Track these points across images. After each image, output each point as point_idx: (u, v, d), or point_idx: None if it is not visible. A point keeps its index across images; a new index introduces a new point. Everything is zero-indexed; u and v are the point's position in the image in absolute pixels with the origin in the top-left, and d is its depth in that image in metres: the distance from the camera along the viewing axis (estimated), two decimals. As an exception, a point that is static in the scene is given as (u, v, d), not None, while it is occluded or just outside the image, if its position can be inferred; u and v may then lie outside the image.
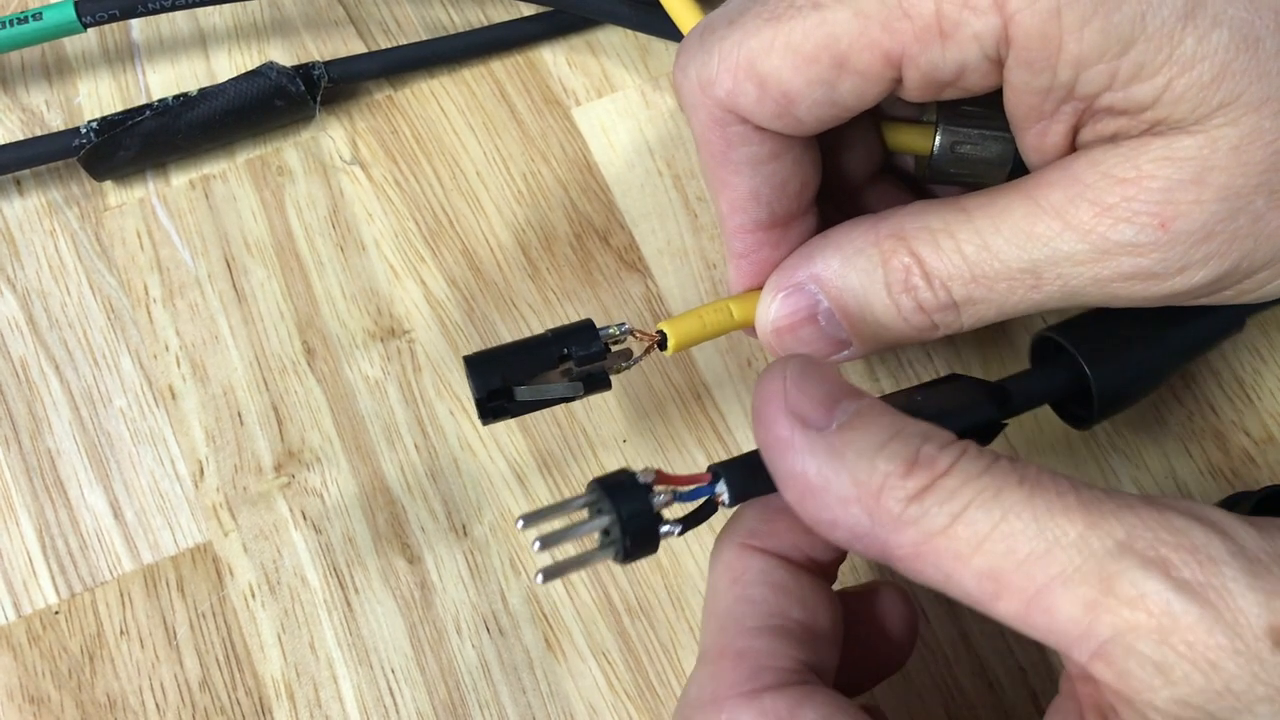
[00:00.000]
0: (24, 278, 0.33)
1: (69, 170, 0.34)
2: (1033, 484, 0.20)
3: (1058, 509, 0.19)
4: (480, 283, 0.33)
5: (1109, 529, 0.19)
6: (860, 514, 0.20)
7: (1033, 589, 0.19)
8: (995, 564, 0.19)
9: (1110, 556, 0.19)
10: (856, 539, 0.20)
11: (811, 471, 0.20)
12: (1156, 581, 0.18)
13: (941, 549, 0.20)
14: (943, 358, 0.32)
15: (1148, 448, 0.30)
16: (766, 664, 0.21)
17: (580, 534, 0.22)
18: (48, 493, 0.31)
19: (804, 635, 0.22)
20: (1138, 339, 0.26)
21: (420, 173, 0.34)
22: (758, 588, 0.22)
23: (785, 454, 0.21)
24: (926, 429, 0.21)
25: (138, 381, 0.32)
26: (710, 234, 0.33)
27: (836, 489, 0.20)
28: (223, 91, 0.33)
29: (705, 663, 0.22)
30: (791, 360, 0.22)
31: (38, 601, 0.30)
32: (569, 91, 0.35)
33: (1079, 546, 0.19)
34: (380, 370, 0.32)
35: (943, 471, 0.20)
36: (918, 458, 0.20)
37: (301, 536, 0.30)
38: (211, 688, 0.29)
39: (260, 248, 0.33)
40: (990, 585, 0.19)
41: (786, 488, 0.21)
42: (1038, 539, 0.19)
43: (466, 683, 0.29)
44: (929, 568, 0.20)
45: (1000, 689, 0.29)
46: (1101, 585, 0.19)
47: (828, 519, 0.21)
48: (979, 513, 0.19)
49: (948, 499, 0.20)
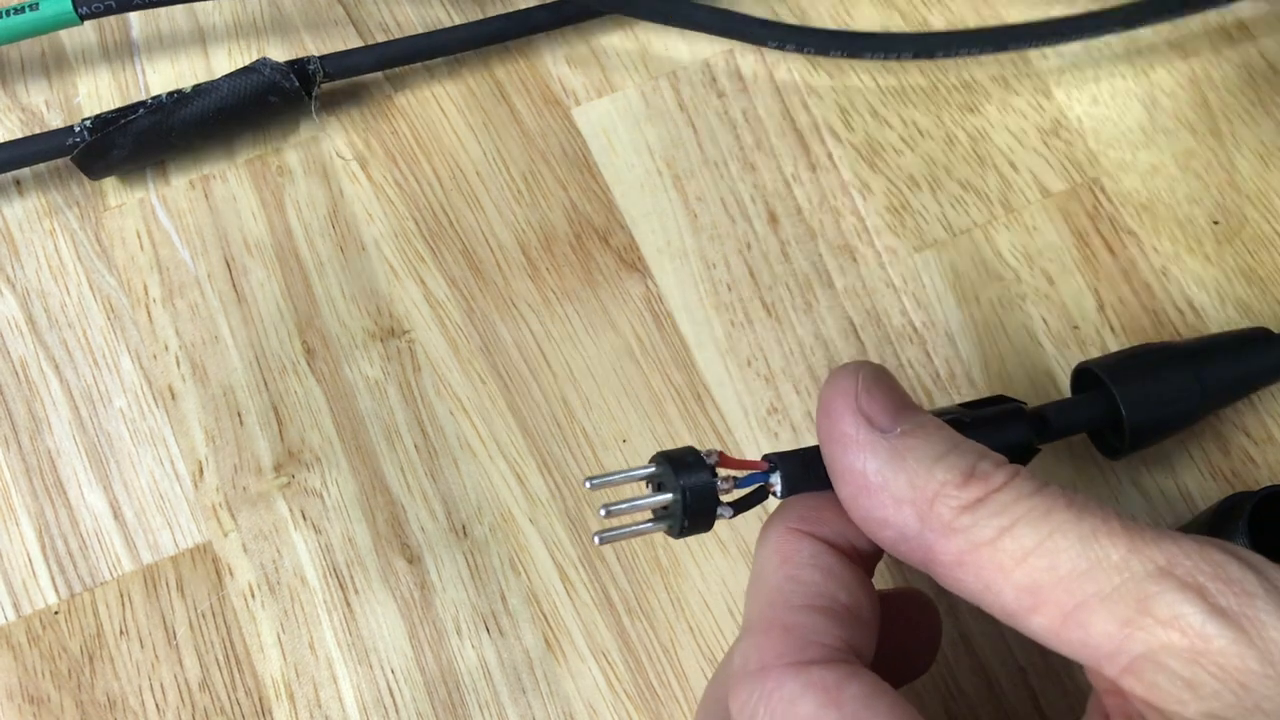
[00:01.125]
0: (24, 278, 0.33)
1: (68, 171, 0.34)
2: (1080, 508, 0.20)
3: (1103, 532, 0.20)
4: (480, 283, 0.33)
5: (1150, 554, 0.20)
6: (912, 517, 0.21)
7: (1071, 604, 0.20)
8: (1037, 579, 0.20)
9: (1150, 579, 0.19)
10: (903, 540, 0.21)
11: (871, 469, 0.21)
12: (1192, 605, 0.19)
13: (985, 559, 0.20)
14: (941, 356, 0.32)
15: (1148, 448, 0.30)
16: (814, 639, 0.21)
17: (644, 507, 0.22)
18: (47, 493, 0.31)
19: (849, 619, 0.22)
20: (1174, 380, 0.27)
21: (420, 173, 0.34)
22: (807, 569, 0.22)
23: (849, 449, 0.22)
24: (982, 448, 0.22)
25: (137, 381, 0.32)
26: (710, 234, 0.33)
27: (893, 489, 0.21)
28: (216, 88, 0.33)
29: (751, 635, 0.22)
30: (865, 364, 0.23)
31: (37, 602, 0.30)
32: (569, 91, 0.35)
33: (1120, 568, 0.20)
34: (380, 370, 0.32)
35: (997, 487, 0.21)
36: (974, 471, 0.21)
37: (301, 537, 0.30)
38: (211, 688, 0.29)
39: (260, 248, 0.33)
40: (1028, 599, 0.20)
41: (844, 482, 0.22)
42: (1081, 558, 0.20)
43: (466, 683, 0.29)
44: (969, 576, 0.21)
45: (1000, 689, 0.29)
46: (1139, 605, 0.19)
47: (879, 517, 0.21)
48: (1027, 529, 0.20)
49: (999, 513, 0.20)
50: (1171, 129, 0.34)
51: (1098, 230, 0.33)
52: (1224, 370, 0.28)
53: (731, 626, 0.29)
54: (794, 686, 0.20)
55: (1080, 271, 0.32)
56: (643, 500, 0.23)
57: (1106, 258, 0.33)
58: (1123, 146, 0.34)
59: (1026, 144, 0.34)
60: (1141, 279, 0.32)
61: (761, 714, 0.20)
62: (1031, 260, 0.33)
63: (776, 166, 0.34)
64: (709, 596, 0.30)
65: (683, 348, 0.32)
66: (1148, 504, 0.30)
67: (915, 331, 0.32)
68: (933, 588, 0.28)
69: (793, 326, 0.32)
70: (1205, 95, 0.34)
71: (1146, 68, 0.35)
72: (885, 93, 0.35)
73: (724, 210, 0.33)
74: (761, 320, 0.32)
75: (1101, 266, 0.32)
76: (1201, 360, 0.28)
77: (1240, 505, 0.26)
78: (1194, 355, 0.28)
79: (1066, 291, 0.32)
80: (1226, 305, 0.32)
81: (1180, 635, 0.19)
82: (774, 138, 0.34)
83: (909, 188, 0.33)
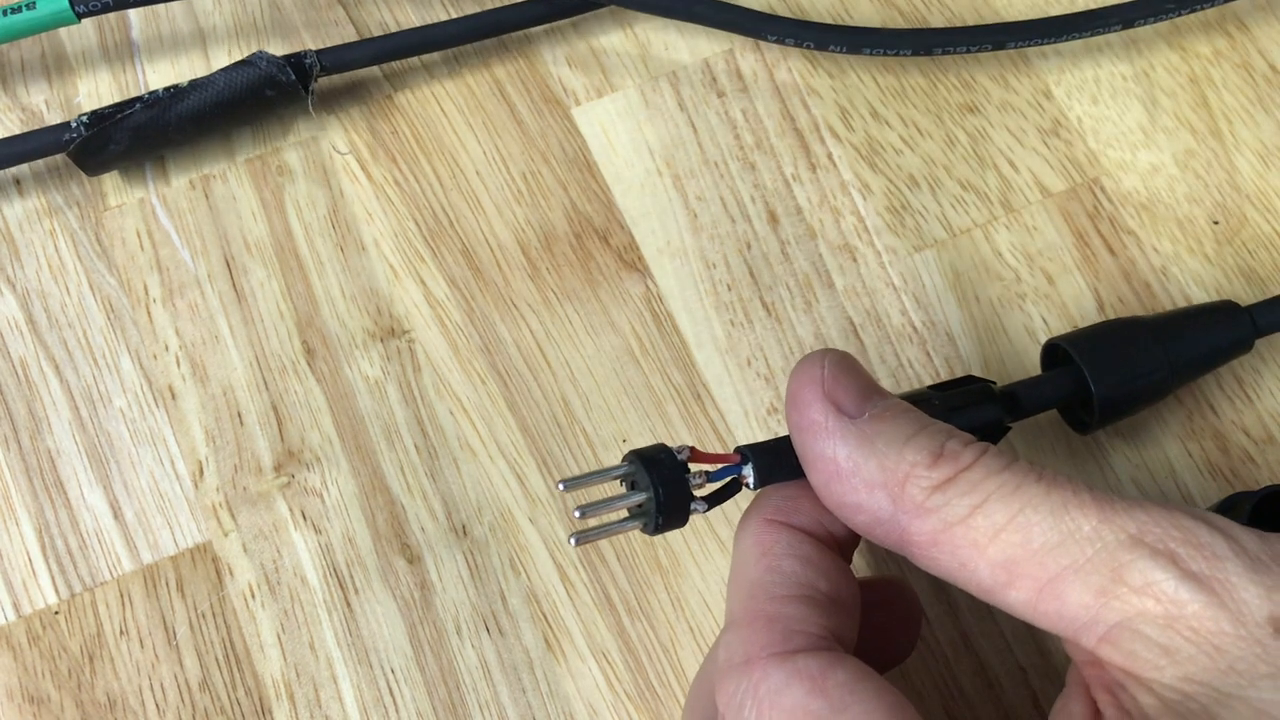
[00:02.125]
0: (23, 278, 0.33)
1: (68, 170, 0.34)
2: (1050, 482, 0.21)
3: (1073, 505, 0.20)
4: (480, 283, 0.33)
5: (1121, 523, 0.20)
6: (884, 500, 0.21)
7: (1045, 577, 0.20)
8: (1010, 553, 0.20)
9: (1122, 548, 0.20)
10: (877, 524, 0.21)
11: (841, 456, 0.21)
12: (1164, 571, 0.19)
13: (959, 537, 0.21)
14: (941, 356, 0.32)
15: (1148, 448, 0.30)
16: (798, 628, 0.21)
17: (618, 506, 0.23)
18: (47, 493, 0.31)
19: (830, 607, 0.22)
20: (1142, 355, 0.27)
21: (420, 173, 0.34)
22: (786, 560, 0.22)
23: (818, 436, 0.22)
24: (950, 428, 0.22)
25: (137, 381, 0.32)
26: (710, 234, 0.33)
27: (864, 474, 0.21)
28: (212, 82, 0.33)
29: (734, 628, 0.22)
30: (830, 351, 0.23)
31: (37, 602, 0.30)
32: (569, 91, 0.35)
33: (1092, 539, 0.20)
34: (380, 370, 0.32)
35: (966, 465, 0.21)
36: (943, 451, 0.21)
37: (301, 536, 0.30)
38: (211, 688, 0.29)
39: (260, 248, 0.33)
40: (1003, 574, 0.20)
41: (815, 470, 0.22)
42: (1053, 530, 0.20)
43: (466, 683, 0.29)
44: (945, 555, 0.21)
45: (1000, 689, 0.29)
46: (1112, 574, 0.20)
47: (852, 502, 0.22)
48: (998, 505, 0.20)
49: (969, 491, 0.21)
50: (1171, 129, 0.34)
51: (1098, 230, 0.33)
52: (1192, 344, 0.28)
53: (731, 626, 0.29)
54: (780, 676, 0.20)
55: (1080, 271, 0.32)
56: (617, 500, 0.23)
57: (1106, 258, 0.33)
58: (1123, 146, 0.34)
59: (1026, 144, 0.34)
60: (1141, 279, 0.32)
61: (749, 706, 0.20)
62: (1031, 260, 0.33)
63: (776, 166, 0.34)
64: (709, 596, 0.30)
65: (682, 347, 0.32)
66: (1148, 504, 0.30)
67: (915, 331, 0.32)
68: (913, 572, 0.28)
69: (793, 326, 0.32)
70: (1205, 95, 0.34)
71: (1147, 67, 0.35)
72: (885, 92, 0.35)
73: (724, 210, 0.33)
74: (761, 320, 0.32)
75: (1101, 266, 0.32)
76: (1169, 334, 0.28)
77: (1240, 505, 0.26)
78: (1161, 329, 0.28)
79: (1066, 291, 0.32)
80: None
81: (1154, 602, 0.19)
82: (774, 138, 0.34)
83: (909, 187, 0.33)
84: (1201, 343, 0.28)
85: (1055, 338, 0.29)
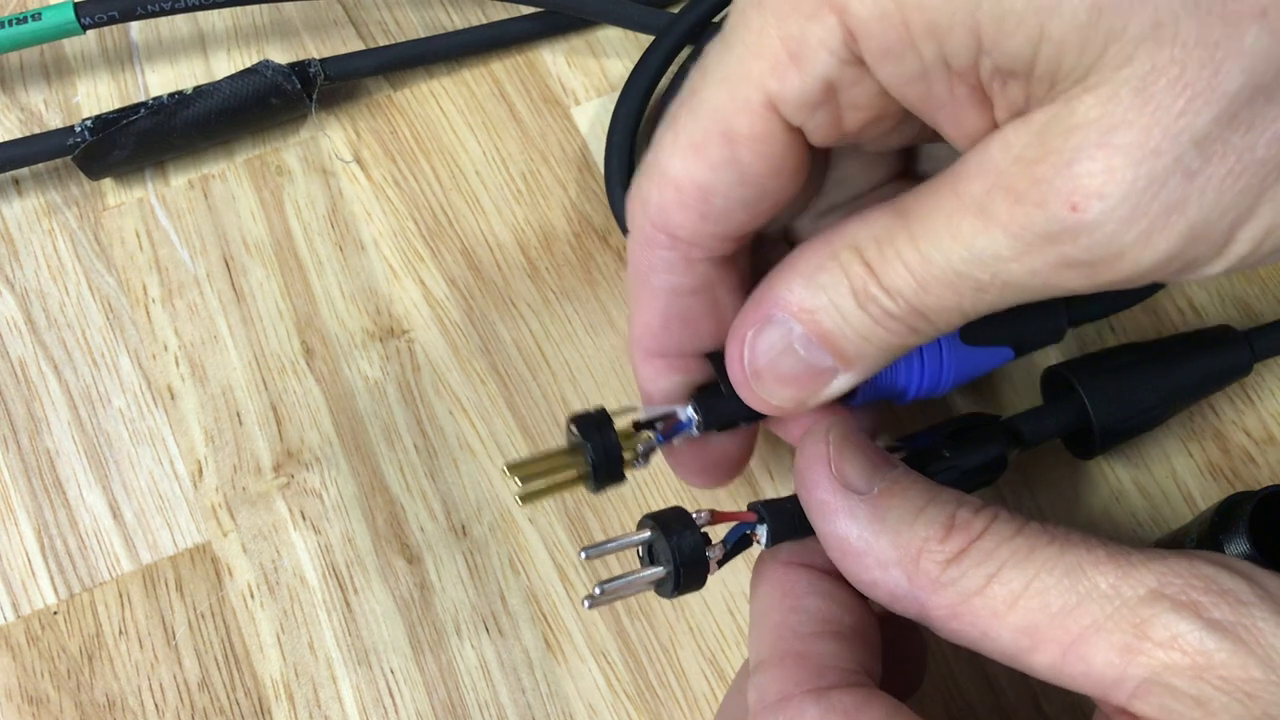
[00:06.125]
0: (23, 278, 0.33)
1: (68, 170, 0.34)
2: (1063, 542, 0.21)
3: (1088, 563, 0.20)
4: (479, 282, 0.33)
5: (1140, 578, 0.20)
6: (900, 577, 0.21)
7: (1068, 640, 0.20)
8: (1031, 619, 0.20)
9: (1143, 603, 0.20)
10: (895, 600, 0.21)
11: (854, 535, 0.22)
12: (1189, 623, 0.19)
13: (978, 608, 0.21)
14: (943, 357, 0.32)
15: (1148, 448, 0.30)
16: (829, 664, 0.21)
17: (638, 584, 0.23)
18: (46, 493, 0.31)
19: (856, 641, 0.22)
20: (1141, 382, 0.28)
21: (419, 172, 0.34)
22: (810, 598, 0.23)
23: (830, 517, 0.22)
24: (959, 495, 0.22)
25: (136, 381, 0.32)
26: (710, 234, 0.33)
27: (877, 552, 0.21)
28: (218, 90, 0.33)
29: (764, 669, 0.22)
30: (833, 425, 0.23)
31: (36, 602, 0.30)
32: (568, 91, 0.35)
33: (1110, 596, 0.20)
34: (379, 370, 0.32)
35: (978, 534, 0.21)
36: (954, 523, 0.21)
37: (300, 537, 0.30)
38: (210, 688, 0.29)
39: (259, 248, 0.33)
40: (1026, 640, 0.20)
41: (829, 547, 0.22)
42: (1070, 592, 0.20)
43: (466, 683, 0.29)
44: (966, 627, 0.21)
45: (1000, 690, 0.28)
46: (1135, 630, 0.19)
47: (868, 580, 0.22)
48: (1013, 572, 0.20)
49: (983, 560, 0.21)
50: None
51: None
52: (1190, 370, 0.28)
53: (731, 626, 0.29)
54: (815, 712, 0.20)
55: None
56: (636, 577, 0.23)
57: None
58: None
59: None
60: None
61: None
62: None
63: (776, 166, 0.34)
64: (709, 597, 0.30)
65: (682, 347, 0.32)
66: (1148, 504, 0.30)
67: (915, 331, 0.32)
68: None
69: (792, 326, 0.32)
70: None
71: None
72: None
73: (724, 210, 0.33)
74: (761, 320, 0.32)
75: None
76: (1168, 361, 0.28)
77: (1240, 505, 0.26)
78: (1160, 356, 0.28)
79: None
80: (1226, 305, 0.32)
81: (1181, 654, 0.19)
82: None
83: (909, 187, 0.33)
84: (1199, 368, 0.28)
85: (1056, 365, 0.29)
